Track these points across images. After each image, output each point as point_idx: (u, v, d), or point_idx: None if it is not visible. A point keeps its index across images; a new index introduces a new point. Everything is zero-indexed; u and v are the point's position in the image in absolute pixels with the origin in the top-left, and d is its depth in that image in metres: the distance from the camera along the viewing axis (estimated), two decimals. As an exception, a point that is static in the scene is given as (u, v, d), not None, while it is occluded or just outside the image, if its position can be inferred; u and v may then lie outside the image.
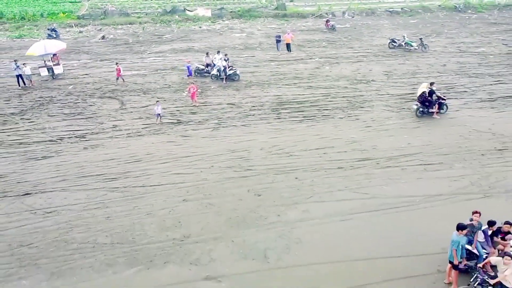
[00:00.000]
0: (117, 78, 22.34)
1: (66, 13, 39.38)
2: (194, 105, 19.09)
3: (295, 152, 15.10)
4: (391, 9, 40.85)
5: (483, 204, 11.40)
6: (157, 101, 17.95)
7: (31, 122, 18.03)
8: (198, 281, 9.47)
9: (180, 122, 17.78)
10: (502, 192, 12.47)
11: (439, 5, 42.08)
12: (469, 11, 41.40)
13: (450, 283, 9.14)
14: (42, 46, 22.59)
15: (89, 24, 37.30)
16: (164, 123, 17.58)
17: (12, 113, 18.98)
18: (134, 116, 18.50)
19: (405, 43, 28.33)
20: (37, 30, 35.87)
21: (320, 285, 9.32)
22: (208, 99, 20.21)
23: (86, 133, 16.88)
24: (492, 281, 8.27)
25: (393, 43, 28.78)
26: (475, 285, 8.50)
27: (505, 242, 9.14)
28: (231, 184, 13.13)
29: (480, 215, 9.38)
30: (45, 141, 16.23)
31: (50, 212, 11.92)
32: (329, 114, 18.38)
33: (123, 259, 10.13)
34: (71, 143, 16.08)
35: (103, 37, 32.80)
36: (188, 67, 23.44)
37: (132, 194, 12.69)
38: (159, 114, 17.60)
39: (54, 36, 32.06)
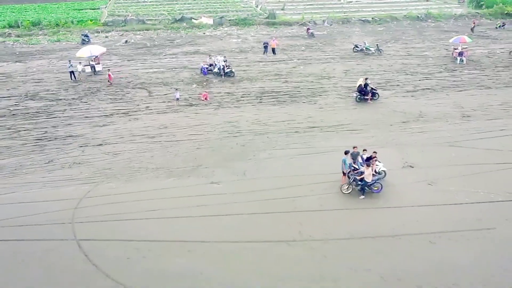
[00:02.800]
0: (109, 81, 29.41)
1: (93, 21, 47.22)
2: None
3: (269, 123, 22.93)
4: (363, 18, 48.65)
5: (378, 150, 19.08)
6: (176, 89, 25.83)
7: (88, 104, 25.88)
8: (207, 184, 17.24)
9: (192, 104, 25.62)
10: (392, 145, 20.25)
11: (405, 15, 49.84)
12: (429, 20, 49.18)
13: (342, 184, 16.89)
14: (88, 50, 30.46)
15: (113, 30, 45.14)
16: (181, 105, 25.40)
17: (73, 98, 26.83)
18: (159, 100, 26.34)
19: (365, 48, 36.13)
20: (71, 35, 43.73)
21: (274, 186, 17.05)
22: (211, 89, 28.03)
23: (128, 111, 24.72)
24: (358, 177, 16.11)
25: (356, 48, 36.58)
26: (351, 181, 16.32)
27: (373, 161, 16.90)
28: (226, 140, 20.97)
29: (357, 148, 17.25)
30: (102, 116, 24.07)
31: (117, 154, 19.74)
32: (296, 100, 26.22)
33: (164, 175, 17.93)
34: (120, 117, 23.93)
35: (126, 42, 40.60)
36: (203, 68, 30.87)
37: (165, 145, 20.51)
38: (178, 98, 25.48)
39: (87, 40, 39.87)
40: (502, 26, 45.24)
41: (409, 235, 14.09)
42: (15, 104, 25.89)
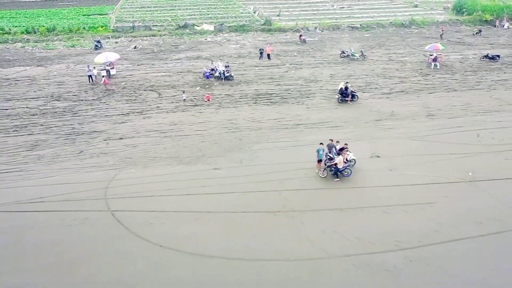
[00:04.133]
0: (105, 85, 33.33)
1: (103, 27, 51.17)
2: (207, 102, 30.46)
3: (262, 120, 26.95)
4: (352, 25, 52.66)
5: (353, 143, 23.04)
6: (183, 92, 29.85)
7: (107, 104, 29.88)
8: (210, 170, 21.21)
9: (197, 105, 29.63)
10: (366, 139, 24.27)
11: (390, 22, 53.84)
12: (413, 26, 53.20)
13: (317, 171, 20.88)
14: (105, 56, 34.47)
15: (122, 36, 49.11)
16: (187, 105, 29.42)
17: (93, 99, 30.84)
18: (168, 101, 30.36)
19: (351, 54, 40.14)
20: (84, 40, 47.72)
21: (265, 171, 21.04)
22: (213, 91, 32.06)
23: (142, 110, 28.73)
24: (329, 163, 20.14)
25: (343, 54, 40.58)
26: (325, 167, 20.37)
27: (344, 152, 20.92)
28: (226, 134, 25.00)
29: (333, 140, 21.28)
30: (120, 114, 28.07)
31: (135, 146, 23.72)
32: (287, 100, 30.25)
33: (175, 163, 21.92)
34: (135, 115, 27.94)
35: (135, 47, 44.58)
36: (206, 72, 34.99)
37: (175, 139, 24.50)
38: (184, 99, 29.50)
39: (99, 46, 43.84)
40: (479, 32, 49.25)
41: (369, 207, 18.10)
42: (44, 104, 29.90)
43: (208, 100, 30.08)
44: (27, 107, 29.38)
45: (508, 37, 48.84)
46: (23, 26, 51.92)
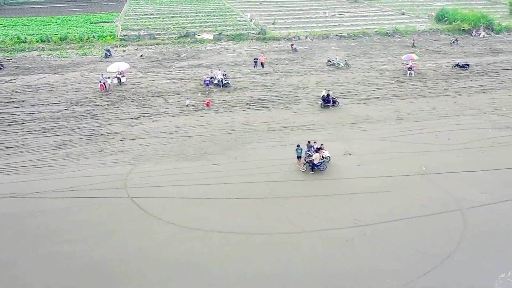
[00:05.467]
0: (101, 89, 37.62)
1: (112, 36, 55.55)
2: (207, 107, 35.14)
3: (255, 123, 31.39)
4: (340, 34, 57.13)
5: (330, 143, 27.50)
6: (186, 98, 34.30)
7: (120, 109, 34.32)
8: (211, 165, 25.66)
9: (198, 109, 34.07)
10: (342, 139, 28.73)
11: (375, 31, 58.30)
12: (396, 35, 57.67)
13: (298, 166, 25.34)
14: (117, 66, 38.91)
15: (129, 45, 53.50)
16: (190, 110, 33.87)
17: (107, 104, 35.27)
18: (173, 106, 34.80)
19: (336, 62, 44.59)
20: (94, 49, 52.14)
21: (256, 166, 25.50)
22: (212, 98, 36.51)
23: (151, 114, 33.17)
24: (308, 159, 24.63)
25: (329, 62, 45.01)
26: (305, 163, 24.84)
27: (321, 150, 25.38)
28: (224, 135, 29.44)
29: (310, 142, 25.75)
30: (132, 118, 32.51)
31: (147, 145, 28.14)
32: (276, 106, 34.72)
33: (182, 159, 26.34)
34: (145, 119, 32.38)
35: (141, 56, 48.98)
36: (206, 80, 39.46)
37: (180, 139, 28.91)
38: (187, 104, 33.97)
39: (109, 54, 48.22)
40: (455, 41, 53.72)
41: (337, 194, 22.59)
42: (65, 109, 34.30)
43: (208, 105, 34.52)
44: (51, 111, 33.78)
45: (482, 46, 53.38)
46: (37, 35, 56.21)
